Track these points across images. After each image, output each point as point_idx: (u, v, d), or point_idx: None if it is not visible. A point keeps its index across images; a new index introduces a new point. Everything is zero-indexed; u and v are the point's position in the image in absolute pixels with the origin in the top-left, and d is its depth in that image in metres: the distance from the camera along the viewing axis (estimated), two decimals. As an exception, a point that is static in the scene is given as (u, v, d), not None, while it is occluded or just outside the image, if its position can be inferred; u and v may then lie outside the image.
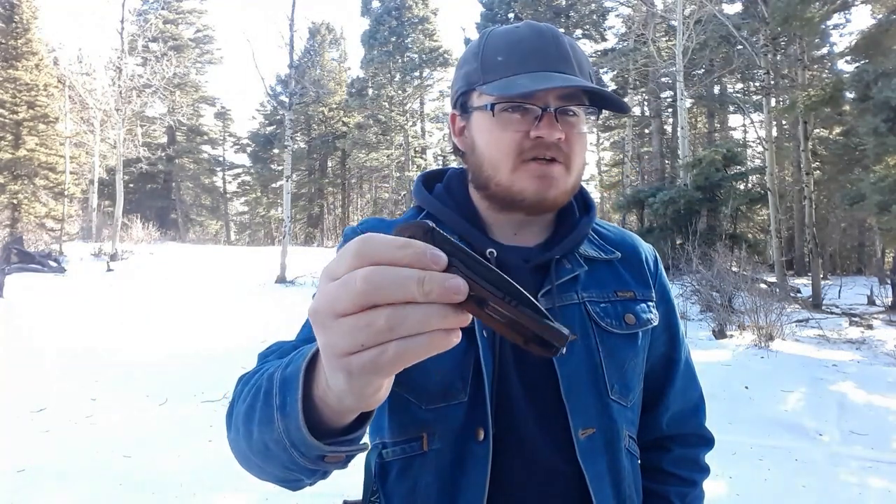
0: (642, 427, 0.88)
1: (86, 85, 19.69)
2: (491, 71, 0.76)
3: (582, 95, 0.76)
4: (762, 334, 6.58)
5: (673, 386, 0.89)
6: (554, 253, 0.79)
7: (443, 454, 0.72)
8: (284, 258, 12.91)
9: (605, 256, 0.84)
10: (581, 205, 0.87)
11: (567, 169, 0.76)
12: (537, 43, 0.76)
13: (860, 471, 3.53)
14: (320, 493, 3.44)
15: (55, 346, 6.27)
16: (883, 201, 7.75)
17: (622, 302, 0.82)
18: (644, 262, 0.88)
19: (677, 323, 0.91)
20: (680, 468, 0.89)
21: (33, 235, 17.65)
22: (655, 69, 17.09)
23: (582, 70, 0.77)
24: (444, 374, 0.73)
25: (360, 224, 0.85)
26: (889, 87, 7.54)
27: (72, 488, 3.12)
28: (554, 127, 0.73)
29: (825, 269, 16.50)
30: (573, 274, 0.80)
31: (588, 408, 0.75)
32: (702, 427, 0.93)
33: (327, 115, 32.98)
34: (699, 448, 0.92)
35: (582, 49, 0.80)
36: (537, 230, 0.83)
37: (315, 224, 34.92)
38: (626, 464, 0.78)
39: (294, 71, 15.49)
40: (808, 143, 13.18)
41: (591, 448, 0.75)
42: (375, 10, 28.61)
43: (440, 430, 0.73)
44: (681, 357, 0.91)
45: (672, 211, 12.36)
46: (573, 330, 0.76)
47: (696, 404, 0.93)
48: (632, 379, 0.81)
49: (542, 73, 0.74)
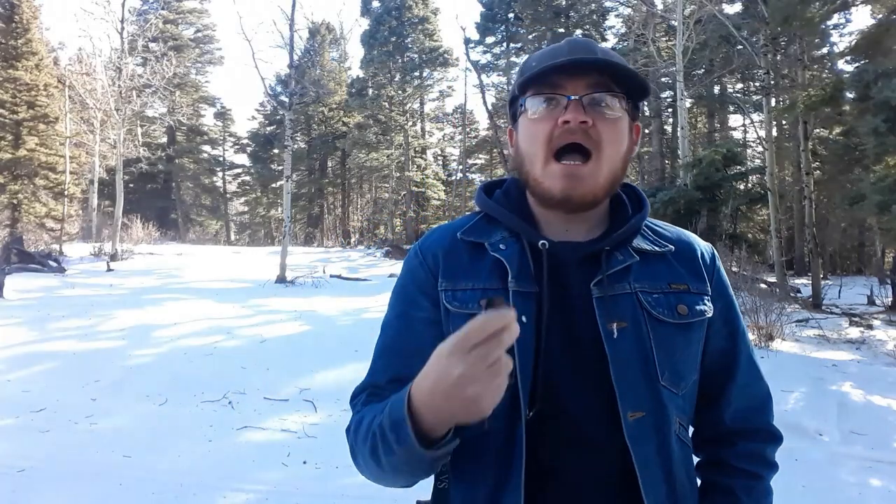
0: (706, 421, 0.90)
1: (86, 85, 19.68)
2: (526, 73, 0.85)
3: (610, 83, 0.81)
4: (762, 334, 6.58)
5: (735, 381, 0.91)
6: (605, 244, 0.84)
7: (498, 432, 0.78)
8: (284, 258, 12.91)
9: (659, 250, 0.88)
10: (635, 202, 0.91)
11: (597, 160, 0.80)
12: (567, 46, 0.84)
13: (860, 471, 3.53)
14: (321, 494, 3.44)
15: (55, 346, 6.27)
16: (883, 201, 7.75)
17: (675, 294, 0.85)
18: (700, 258, 0.90)
19: (738, 319, 0.93)
20: (745, 462, 0.90)
21: (33, 235, 17.65)
22: (655, 69, 17.06)
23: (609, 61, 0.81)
24: None
25: (419, 242, 0.94)
26: (889, 87, 7.54)
27: (72, 488, 3.12)
28: (578, 111, 0.78)
29: (825, 269, 16.49)
30: (624, 265, 0.83)
31: (638, 392, 0.78)
32: (769, 423, 0.93)
33: (327, 115, 32.97)
34: (766, 444, 0.92)
35: (617, 54, 0.86)
36: (589, 227, 0.87)
37: (315, 224, 34.90)
38: (675, 448, 0.81)
39: (294, 71, 15.49)
40: (808, 143, 13.18)
41: (640, 431, 0.77)
42: (375, 10, 28.59)
43: (495, 410, 0.77)
44: (742, 352, 0.92)
45: (672, 211, 12.34)
46: (624, 318, 0.81)
47: (763, 401, 0.94)
48: (684, 368, 0.83)
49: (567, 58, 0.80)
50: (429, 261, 0.88)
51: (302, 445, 3.87)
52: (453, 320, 0.82)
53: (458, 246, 0.87)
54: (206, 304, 9.04)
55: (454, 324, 0.82)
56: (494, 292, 0.81)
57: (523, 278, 0.82)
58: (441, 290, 0.84)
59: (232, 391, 4.87)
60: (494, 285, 0.82)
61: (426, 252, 0.89)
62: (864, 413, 4.46)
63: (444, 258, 0.87)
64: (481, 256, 0.85)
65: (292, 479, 3.34)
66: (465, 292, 0.83)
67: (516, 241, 0.85)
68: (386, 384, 0.85)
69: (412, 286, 0.89)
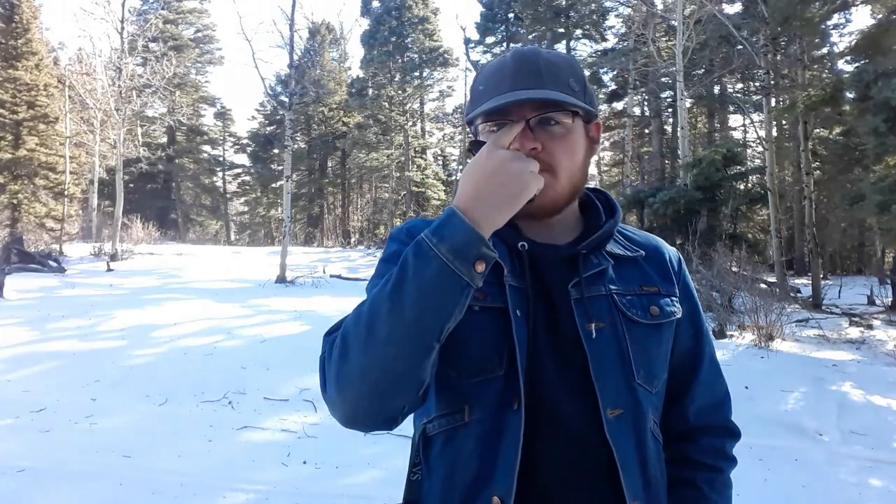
0: (671, 418, 0.94)
1: (86, 85, 19.68)
2: (475, 101, 0.87)
3: (557, 104, 0.82)
4: (762, 334, 6.58)
5: (698, 379, 0.96)
6: (581, 248, 0.87)
7: (483, 423, 0.79)
8: (284, 258, 12.91)
9: (631, 254, 0.92)
10: (607, 209, 0.95)
11: (553, 175, 0.82)
12: (511, 68, 0.84)
13: (860, 471, 3.53)
14: (321, 494, 3.44)
15: (55, 346, 6.27)
16: (883, 201, 7.75)
17: (647, 295, 0.89)
18: (668, 262, 0.95)
19: (702, 320, 0.98)
20: (707, 457, 0.94)
21: (33, 235, 17.65)
22: (655, 69, 17.07)
23: (556, 82, 0.83)
24: (481, 351, 0.80)
25: (405, 223, 0.95)
26: (889, 87, 7.54)
27: (72, 488, 3.12)
28: (527, 138, 0.80)
29: (825, 269, 16.50)
30: (600, 268, 0.87)
31: (617, 390, 0.81)
32: (728, 420, 0.98)
33: (327, 115, 32.97)
34: (726, 439, 0.97)
35: (567, 62, 0.87)
36: (563, 231, 0.91)
37: (315, 224, 34.91)
38: (651, 445, 0.84)
39: (294, 71, 15.49)
40: (808, 143, 13.18)
41: (619, 427, 0.80)
42: (375, 10, 28.60)
43: (480, 401, 0.80)
44: (706, 352, 0.97)
45: (672, 211, 12.35)
46: (602, 319, 0.83)
47: (723, 399, 0.98)
48: (656, 366, 0.87)
49: (508, 94, 0.81)
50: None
51: (302, 445, 3.87)
52: None
53: None
54: (206, 304, 9.04)
55: None
56: (488, 285, 0.81)
57: (515, 275, 0.84)
58: None
59: (232, 391, 4.87)
60: (488, 278, 0.81)
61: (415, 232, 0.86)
62: (864, 413, 4.46)
63: None
64: None
65: (292, 479, 3.34)
66: None
67: (500, 242, 0.86)
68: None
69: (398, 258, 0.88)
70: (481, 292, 0.81)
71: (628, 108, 23.51)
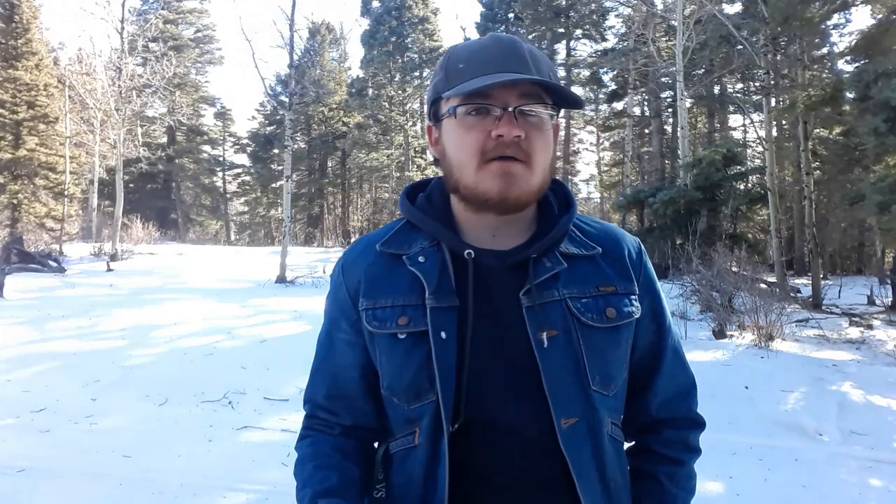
0: (633, 412, 0.92)
1: (86, 85, 19.68)
2: (453, 77, 0.81)
3: (542, 94, 0.80)
4: (762, 334, 6.57)
5: (661, 373, 0.92)
6: (531, 252, 0.82)
7: (425, 448, 0.80)
8: (284, 258, 12.91)
9: (586, 253, 0.87)
10: (562, 202, 0.91)
11: (529, 167, 0.79)
12: (495, 50, 0.80)
13: (860, 471, 3.53)
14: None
15: (55, 346, 6.27)
16: (883, 201, 7.74)
17: (604, 297, 0.85)
18: (626, 256, 0.90)
19: (664, 312, 0.94)
20: (669, 449, 0.92)
21: (33, 235, 17.64)
22: (655, 69, 17.06)
23: (540, 72, 0.80)
24: (412, 377, 0.80)
25: (346, 255, 0.93)
26: (889, 87, 7.53)
27: (72, 488, 3.12)
28: (513, 125, 0.77)
29: (825, 269, 16.49)
30: (552, 272, 0.83)
31: (570, 399, 0.79)
32: (692, 411, 0.95)
33: (327, 115, 32.95)
34: (689, 430, 0.94)
35: (545, 56, 0.84)
36: (516, 231, 0.86)
37: (315, 224, 34.90)
38: (609, 449, 0.83)
39: (294, 71, 15.48)
40: (808, 143, 13.17)
41: (574, 436, 0.79)
42: (375, 10, 28.59)
43: (422, 425, 0.80)
44: (668, 345, 0.93)
45: (672, 211, 12.35)
46: (555, 326, 0.81)
47: (688, 390, 0.95)
48: (614, 369, 0.84)
49: (497, 74, 0.77)
50: (348, 281, 0.87)
51: (302, 445, 3.86)
52: (377, 342, 0.83)
53: (378, 259, 0.86)
54: (206, 304, 9.04)
55: (379, 346, 0.83)
56: (413, 309, 0.81)
57: (442, 293, 0.81)
58: (362, 310, 0.84)
59: (232, 391, 4.86)
60: (413, 300, 0.81)
61: (347, 271, 0.89)
62: (864, 413, 4.46)
63: (365, 275, 0.86)
64: (401, 270, 0.84)
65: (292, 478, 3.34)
66: (385, 310, 0.82)
67: (437, 251, 0.84)
68: (322, 401, 0.91)
69: (335, 307, 0.90)
70: (406, 318, 0.80)
71: (628, 108, 23.50)
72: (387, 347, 0.82)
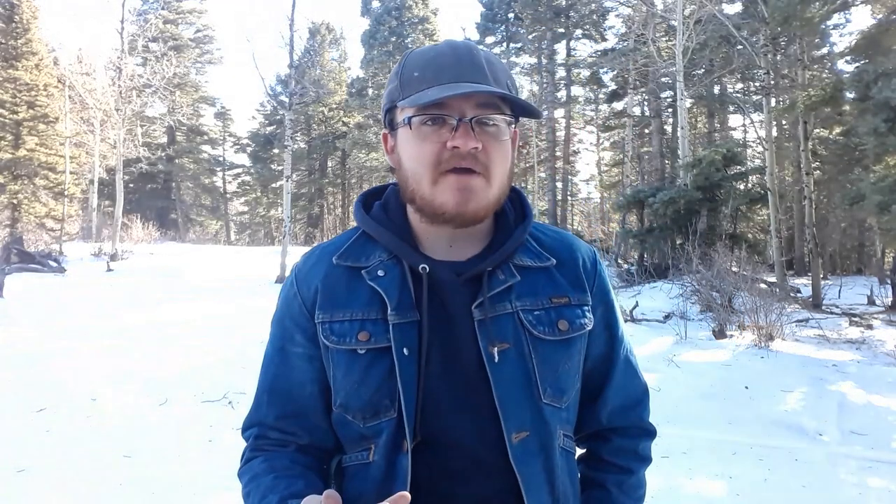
0: (583, 420, 0.91)
1: (86, 85, 19.69)
2: (408, 86, 0.79)
3: (500, 104, 0.78)
4: (762, 334, 6.58)
5: (612, 382, 0.91)
6: (486, 265, 0.81)
7: (379, 466, 0.78)
8: (284, 258, 12.92)
9: (541, 264, 0.86)
10: (518, 212, 0.89)
11: (487, 180, 0.77)
12: (451, 58, 0.78)
13: (860, 471, 3.53)
14: (320, 493, 3.41)
15: (55, 346, 6.27)
16: (883, 201, 7.75)
17: (556, 308, 0.83)
18: (581, 266, 0.88)
19: (616, 322, 0.93)
20: (618, 457, 0.92)
21: (33, 235, 17.66)
22: (655, 69, 17.06)
23: (498, 81, 0.78)
24: (371, 394, 0.78)
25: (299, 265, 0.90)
26: (889, 87, 7.53)
27: (72, 488, 3.12)
28: (469, 136, 0.75)
29: (825, 269, 16.49)
30: (506, 285, 0.81)
31: (521, 413, 0.78)
32: (642, 420, 0.94)
33: (327, 115, 32.97)
34: (639, 439, 0.94)
35: (501, 63, 0.82)
36: (472, 242, 0.84)
37: (315, 224, 34.92)
38: (559, 462, 0.82)
39: (294, 71, 15.49)
40: (808, 143, 13.17)
41: (525, 451, 0.78)
42: (375, 10, 28.61)
43: (377, 443, 0.79)
44: (619, 355, 0.92)
45: (672, 211, 12.35)
46: (506, 340, 0.79)
47: (639, 399, 0.94)
48: (566, 381, 0.83)
49: (454, 84, 0.75)
50: (303, 292, 0.84)
51: (302, 445, 3.86)
52: (333, 357, 0.81)
53: (335, 271, 0.84)
54: (207, 304, 9.04)
55: (335, 361, 0.80)
56: (373, 323, 0.79)
57: (403, 308, 0.79)
58: (318, 323, 0.82)
59: (232, 391, 4.86)
60: (373, 315, 0.79)
61: (301, 282, 0.86)
62: (864, 413, 4.46)
63: (321, 287, 0.83)
64: (359, 283, 0.82)
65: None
66: (343, 324, 0.80)
67: (396, 263, 0.82)
68: (273, 422, 0.86)
69: (288, 319, 0.86)
70: (366, 333, 0.78)
71: (628, 108, 23.51)
72: (344, 363, 0.79)
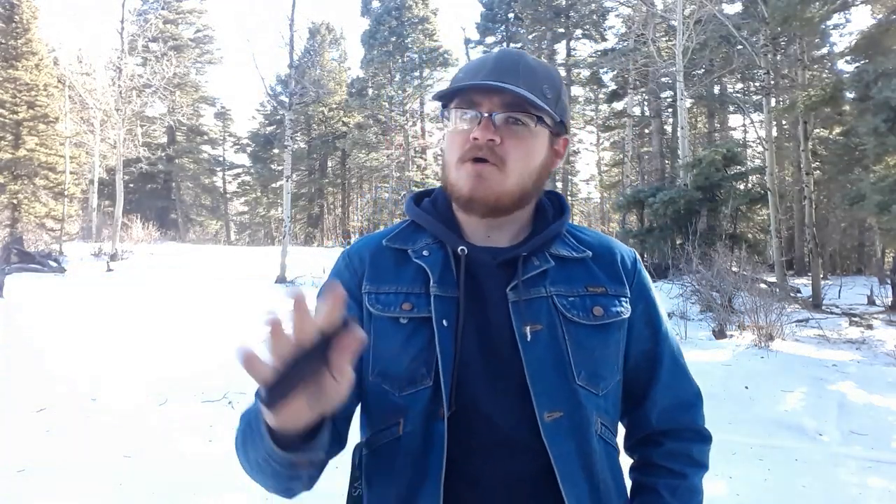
0: (634, 422, 0.93)
1: (86, 85, 19.69)
2: (452, 84, 0.87)
3: (526, 105, 0.82)
4: (762, 334, 6.58)
5: (659, 381, 0.91)
6: (522, 250, 0.86)
7: (414, 435, 0.80)
8: (284, 258, 12.92)
9: (577, 255, 0.90)
10: (557, 209, 0.95)
11: (501, 170, 0.82)
12: (494, 63, 0.85)
13: (860, 471, 3.53)
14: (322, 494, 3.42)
15: (55, 346, 6.27)
16: (883, 201, 7.75)
17: (591, 296, 0.87)
18: (619, 262, 0.92)
19: (659, 319, 0.94)
20: (670, 461, 0.90)
21: (33, 235, 17.64)
22: (655, 69, 17.07)
23: (532, 86, 0.82)
24: (410, 361, 0.81)
25: (350, 246, 0.96)
26: (889, 87, 7.54)
27: (72, 488, 3.12)
28: (488, 130, 0.81)
29: (825, 269, 16.49)
30: (540, 269, 0.86)
31: (554, 393, 0.80)
32: (695, 422, 0.93)
33: (327, 115, 32.97)
34: (693, 443, 0.92)
35: (548, 73, 0.87)
36: (510, 233, 0.89)
37: (315, 224, 34.93)
38: (597, 447, 0.82)
39: (294, 71, 15.49)
40: (808, 143, 13.18)
41: (558, 430, 0.79)
42: (375, 10, 28.62)
43: (411, 413, 0.81)
44: (665, 352, 0.93)
45: (672, 211, 12.36)
46: (539, 321, 0.82)
47: (691, 401, 0.94)
48: (603, 368, 0.85)
49: (482, 81, 0.82)
50: (355, 263, 0.91)
51: (302, 445, 3.86)
52: (375, 323, 0.84)
53: (384, 252, 0.90)
54: (206, 304, 9.04)
55: (377, 328, 0.84)
56: (417, 297, 0.84)
57: (445, 283, 0.84)
58: (365, 293, 0.87)
59: (232, 391, 4.86)
60: (417, 290, 0.85)
61: (353, 255, 0.92)
62: (864, 413, 4.46)
63: (370, 262, 0.89)
64: (406, 263, 0.88)
65: (292, 479, 3.35)
66: (388, 295, 0.85)
67: (440, 247, 0.88)
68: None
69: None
70: (409, 304, 0.83)
71: (628, 108, 23.51)
72: (386, 331, 0.83)
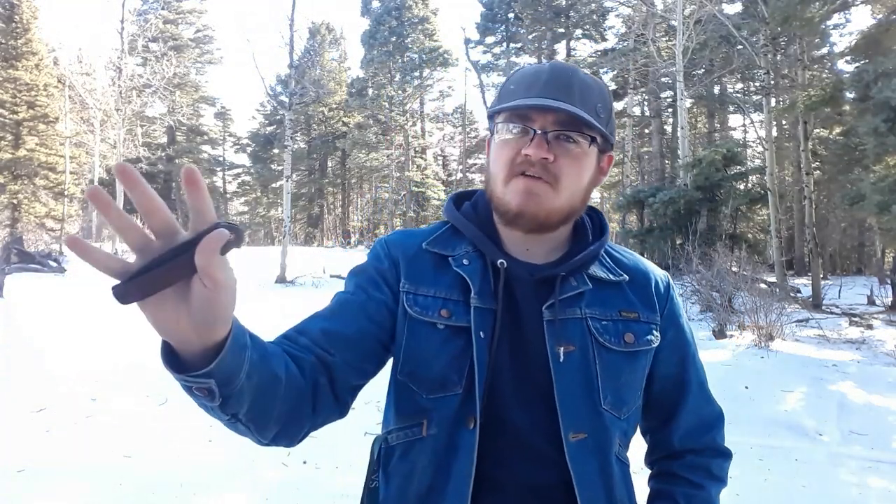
0: (656, 443, 0.95)
1: (86, 85, 19.70)
2: (502, 97, 0.86)
3: (580, 124, 0.81)
4: (762, 334, 6.58)
5: (685, 406, 0.93)
6: (560, 270, 0.85)
7: (438, 439, 0.80)
8: (284, 258, 12.92)
9: (614, 278, 0.90)
10: (597, 230, 0.94)
11: (553, 188, 0.82)
12: (546, 76, 0.83)
13: (860, 471, 3.53)
14: (322, 494, 3.44)
15: (55, 346, 6.27)
16: (883, 201, 7.75)
17: (624, 321, 0.87)
18: (654, 287, 0.92)
19: (688, 345, 0.94)
20: (689, 472, 0.93)
21: (33, 235, 17.66)
22: (655, 69, 17.08)
23: (585, 104, 0.82)
24: (442, 367, 0.81)
25: (391, 234, 0.95)
26: (889, 87, 7.54)
27: (72, 488, 3.12)
28: (542, 147, 0.80)
29: (825, 269, 16.50)
30: (577, 291, 0.85)
31: (580, 414, 0.81)
32: (716, 441, 0.96)
33: (327, 115, 32.99)
34: (712, 458, 0.95)
35: (602, 90, 0.86)
36: (548, 249, 0.89)
37: (315, 224, 34.94)
38: (616, 469, 0.84)
39: (294, 71, 15.49)
40: (808, 143, 13.18)
41: (581, 451, 0.80)
42: (375, 10, 28.62)
43: (437, 417, 0.81)
44: (692, 379, 0.94)
45: (672, 211, 12.36)
46: (572, 342, 0.82)
47: (712, 423, 0.96)
48: (627, 394, 0.86)
49: (537, 98, 0.81)
50: (394, 254, 0.89)
51: (302, 445, 3.84)
52: (411, 327, 0.83)
53: (423, 254, 0.89)
54: (206, 304, 9.02)
55: (411, 330, 0.83)
56: (455, 304, 0.83)
57: (484, 295, 0.84)
58: (403, 291, 0.86)
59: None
60: (455, 297, 0.84)
61: (392, 246, 0.91)
62: (864, 413, 4.46)
63: (408, 260, 0.88)
64: (444, 268, 0.87)
65: (292, 479, 3.34)
66: (427, 298, 0.85)
67: (479, 256, 0.87)
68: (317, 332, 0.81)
69: (374, 272, 0.88)
70: (447, 311, 0.83)
71: (628, 108, 23.52)
72: (421, 333, 0.83)
